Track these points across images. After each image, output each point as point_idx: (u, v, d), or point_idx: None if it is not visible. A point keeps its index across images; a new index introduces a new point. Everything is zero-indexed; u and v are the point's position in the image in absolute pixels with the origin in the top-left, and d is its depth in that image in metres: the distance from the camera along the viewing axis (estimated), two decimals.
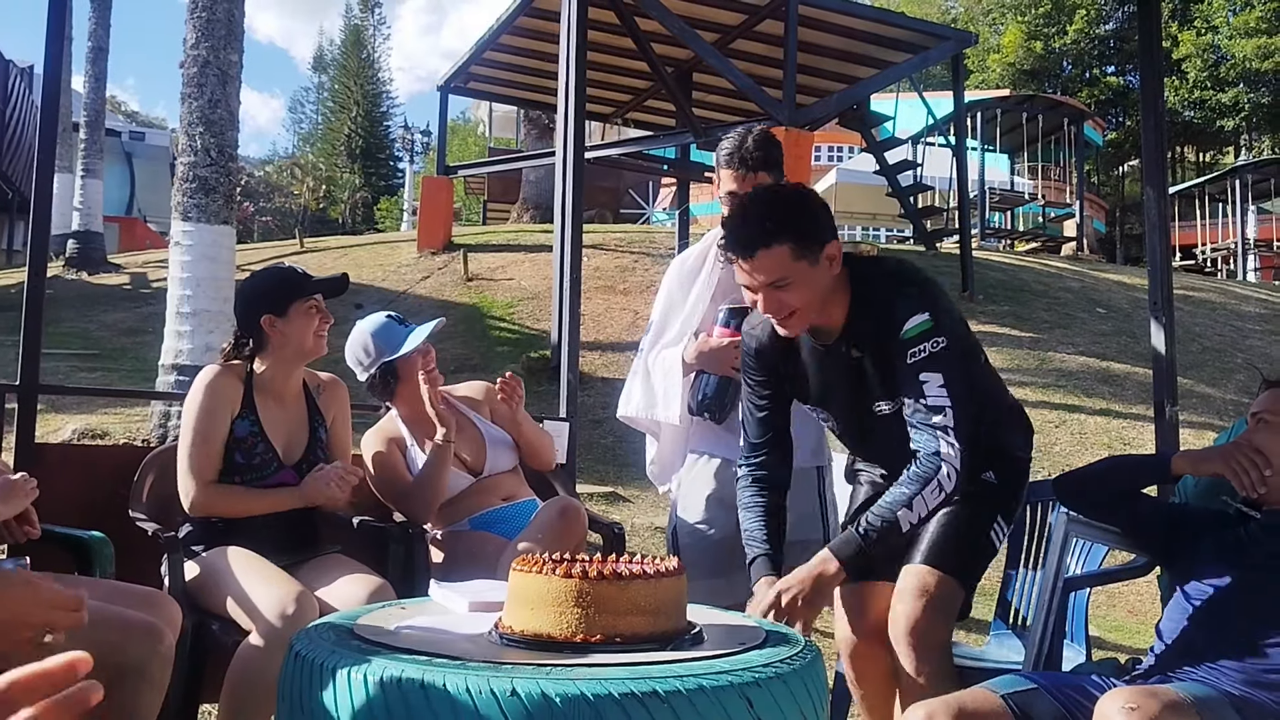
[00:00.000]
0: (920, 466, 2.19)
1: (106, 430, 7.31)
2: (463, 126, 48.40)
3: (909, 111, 14.64)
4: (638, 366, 3.09)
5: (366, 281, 12.89)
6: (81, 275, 14.59)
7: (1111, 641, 5.00)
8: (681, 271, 3.08)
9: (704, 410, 2.92)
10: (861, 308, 2.27)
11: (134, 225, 26.36)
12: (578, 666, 1.43)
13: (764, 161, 2.79)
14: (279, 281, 2.90)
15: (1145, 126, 3.71)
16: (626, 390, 3.11)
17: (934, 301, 2.22)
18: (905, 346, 2.18)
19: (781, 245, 2.16)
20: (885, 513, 2.17)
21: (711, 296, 2.98)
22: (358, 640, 1.56)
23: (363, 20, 56.25)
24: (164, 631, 2.25)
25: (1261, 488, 2.11)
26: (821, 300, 2.25)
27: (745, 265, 2.20)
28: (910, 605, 2.26)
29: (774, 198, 2.31)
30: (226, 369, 2.88)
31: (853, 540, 2.17)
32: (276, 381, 2.90)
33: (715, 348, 2.87)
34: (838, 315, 2.30)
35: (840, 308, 2.29)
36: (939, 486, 2.16)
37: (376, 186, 47.97)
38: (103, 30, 14.97)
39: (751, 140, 2.83)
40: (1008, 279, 13.06)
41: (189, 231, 6.92)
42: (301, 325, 2.84)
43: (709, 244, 3.01)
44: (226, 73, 7.11)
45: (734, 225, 2.24)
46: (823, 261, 2.21)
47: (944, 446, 2.16)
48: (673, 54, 12.34)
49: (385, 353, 3.09)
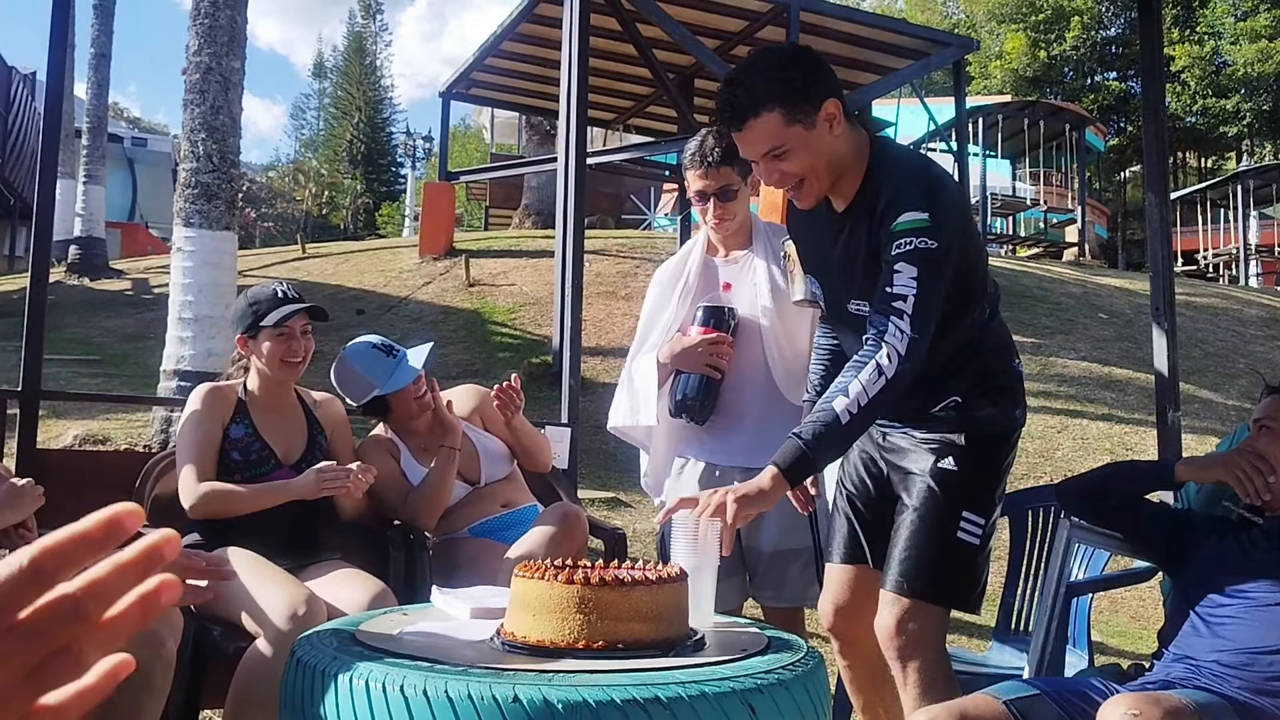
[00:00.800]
0: (862, 351, 2.01)
1: (108, 436, 7.31)
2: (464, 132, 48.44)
3: (910, 117, 14.66)
4: (624, 376, 3.00)
5: (368, 287, 12.90)
6: (83, 281, 14.59)
7: (1114, 647, 4.99)
8: (663, 278, 3.02)
9: (682, 411, 2.82)
10: (872, 185, 2.12)
11: (136, 231, 26.36)
12: (580, 673, 1.43)
13: (725, 156, 2.69)
14: (249, 304, 2.90)
15: (1146, 132, 3.71)
16: (615, 401, 3.01)
17: (938, 203, 2.04)
18: (893, 238, 2.02)
19: (771, 111, 2.02)
20: (823, 405, 1.98)
21: (691, 299, 2.90)
22: (360, 646, 1.56)
23: (364, 27, 56.39)
24: (165, 637, 2.25)
25: (1266, 494, 2.11)
26: (830, 166, 2.11)
27: (738, 139, 2.10)
28: (887, 622, 2.20)
29: (760, 61, 2.11)
30: (220, 386, 2.93)
31: (793, 445, 1.96)
32: (266, 396, 2.92)
33: (690, 345, 2.78)
34: (850, 188, 2.15)
35: (854, 180, 2.14)
36: (878, 369, 1.94)
37: (378, 192, 48.04)
38: (105, 36, 14.99)
39: (712, 138, 2.74)
40: (1010, 284, 13.06)
41: (191, 237, 6.92)
42: (270, 349, 2.85)
43: (690, 249, 2.98)
44: (229, 79, 7.12)
45: (722, 98, 2.09)
46: (820, 123, 2.06)
47: (891, 327, 1.96)
48: (674, 60, 12.35)
49: (373, 387, 3.08)
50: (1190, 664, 2.05)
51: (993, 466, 2.26)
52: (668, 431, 2.93)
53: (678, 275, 2.96)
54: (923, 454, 2.25)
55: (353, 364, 3.09)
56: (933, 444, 2.24)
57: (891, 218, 2.03)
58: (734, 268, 2.90)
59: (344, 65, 55.90)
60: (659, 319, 2.95)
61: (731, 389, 2.83)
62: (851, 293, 2.21)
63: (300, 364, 2.90)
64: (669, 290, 2.96)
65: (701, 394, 2.79)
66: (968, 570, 2.22)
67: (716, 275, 2.92)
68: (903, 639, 2.17)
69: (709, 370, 2.77)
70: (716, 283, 2.91)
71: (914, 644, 2.16)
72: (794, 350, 2.82)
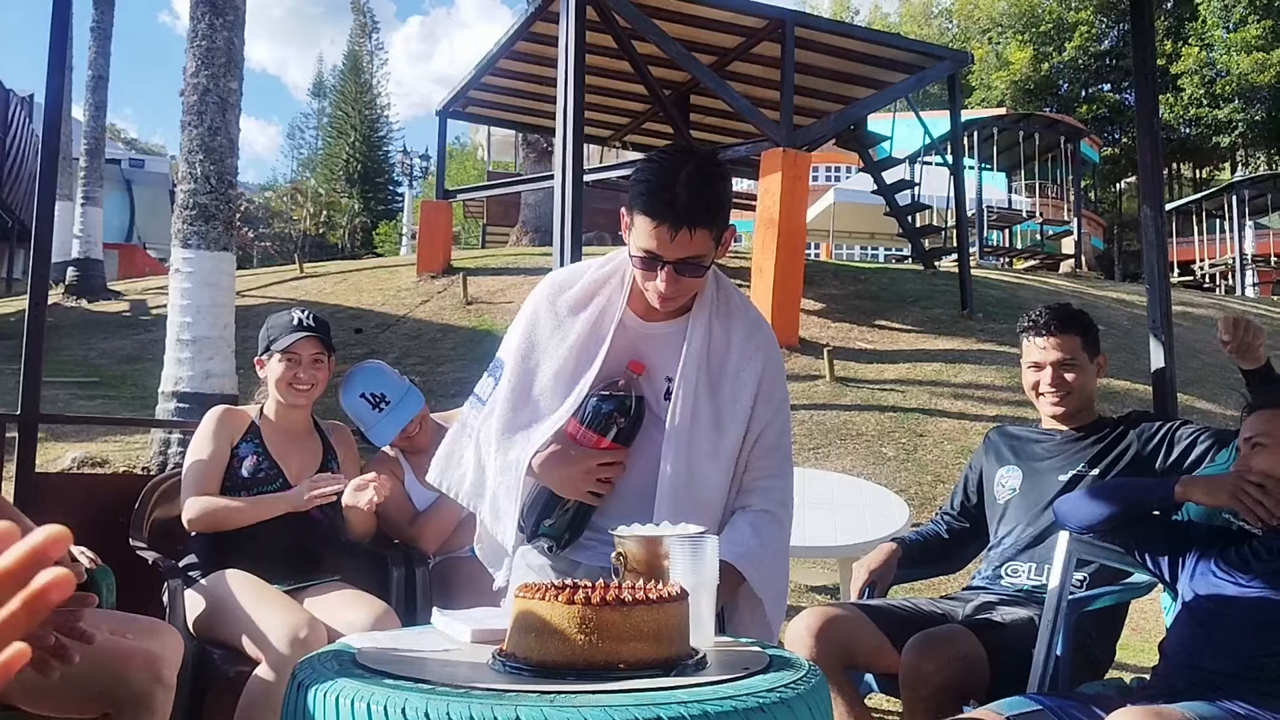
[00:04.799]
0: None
1: (106, 458, 7.30)
2: (461, 151, 48.57)
3: (906, 131, 14.69)
4: (472, 424, 2.11)
5: (367, 306, 12.91)
6: (81, 303, 14.60)
7: (1116, 660, 4.97)
8: (560, 301, 2.09)
9: (543, 539, 2.07)
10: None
11: (134, 252, 26.44)
12: (581, 693, 1.42)
13: (700, 214, 1.88)
14: (268, 327, 3.00)
15: (1141, 144, 3.72)
16: (448, 452, 2.15)
17: None
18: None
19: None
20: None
21: (598, 366, 2.02)
22: (361, 668, 1.55)
23: (360, 46, 56.63)
24: (165, 661, 2.24)
25: (1275, 519, 2.09)
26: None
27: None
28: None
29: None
30: (234, 408, 3.02)
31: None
32: (280, 418, 2.99)
33: (578, 469, 1.97)
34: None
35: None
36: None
37: (375, 211, 48.19)
38: (102, 59, 15.04)
39: (687, 187, 1.88)
40: (1007, 297, 13.07)
41: (189, 258, 6.93)
42: (278, 373, 2.93)
43: (612, 270, 2.10)
44: (226, 100, 7.14)
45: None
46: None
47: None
48: (670, 77, 12.40)
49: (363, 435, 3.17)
50: (1193, 675, 2.05)
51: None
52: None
53: (582, 307, 2.08)
54: None
55: (345, 407, 3.16)
56: None
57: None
58: (654, 342, 2.07)
59: (340, 85, 56.15)
60: (543, 367, 2.06)
61: (615, 500, 2.04)
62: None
63: (307, 390, 2.95)
64: (568, 323, 2.07)
65: (572, 525, 2.05)
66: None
67: (633, 340, 2.07)
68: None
69: (589, 498, 2.01)
70: (629, 352, 2.05)
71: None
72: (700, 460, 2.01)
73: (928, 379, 9.76)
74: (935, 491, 7.21)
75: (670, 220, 1.86)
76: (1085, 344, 2.78)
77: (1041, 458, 2.81)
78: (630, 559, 1.73)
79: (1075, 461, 2.74)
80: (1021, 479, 2.80)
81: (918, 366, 10.11)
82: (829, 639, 2.49)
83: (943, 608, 2.72)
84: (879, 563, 2.82)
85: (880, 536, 3.70)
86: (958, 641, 2.41)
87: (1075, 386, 2.76)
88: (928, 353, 10.55)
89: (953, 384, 9.62)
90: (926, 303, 12.48)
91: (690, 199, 1.86)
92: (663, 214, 1.86)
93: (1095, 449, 2.73)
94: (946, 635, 2.43)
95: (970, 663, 2.38)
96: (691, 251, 1.90)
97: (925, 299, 12.64)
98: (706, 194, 1.89)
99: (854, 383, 9.59)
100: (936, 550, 2.96)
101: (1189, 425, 2.71)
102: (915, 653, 2.37)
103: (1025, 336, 2.82)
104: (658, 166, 1.92)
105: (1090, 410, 2.83)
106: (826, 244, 25.69)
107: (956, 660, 2.36)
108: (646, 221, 1.88)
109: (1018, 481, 2.81)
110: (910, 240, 15.33)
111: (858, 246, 27.90)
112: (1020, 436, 2.92)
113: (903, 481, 7.31)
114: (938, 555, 2.98)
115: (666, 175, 1.89)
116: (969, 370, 9.98)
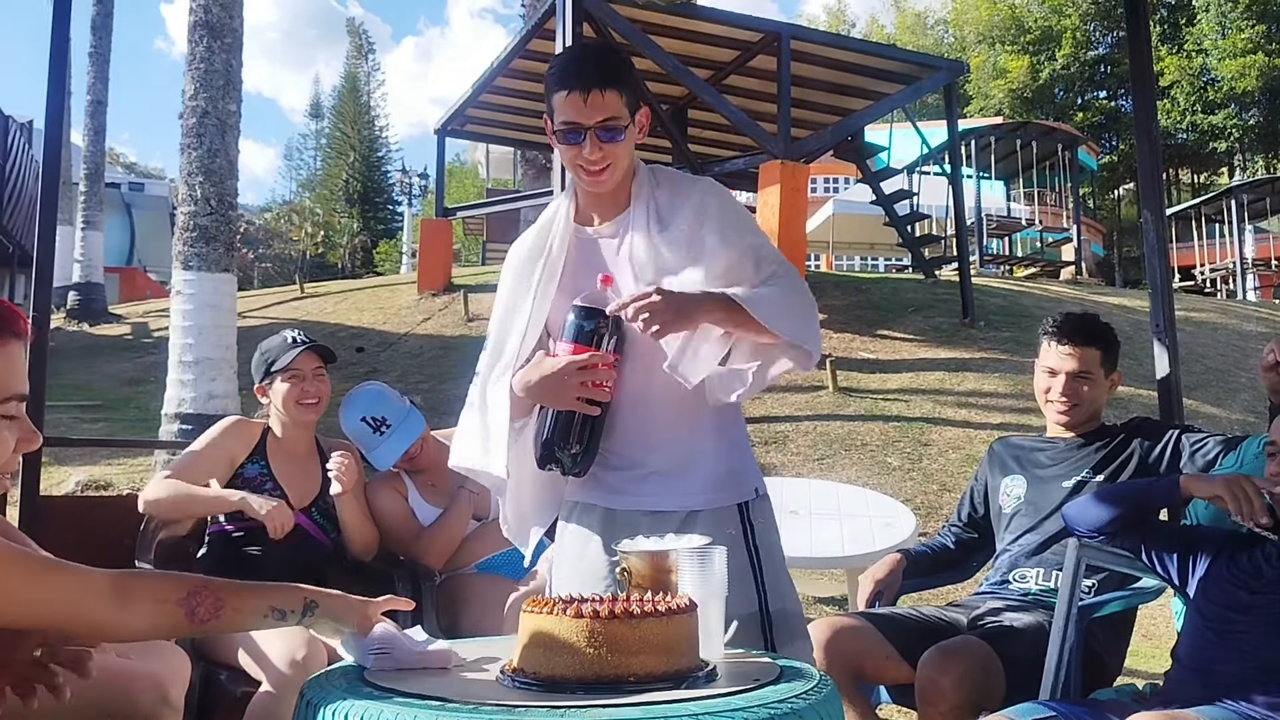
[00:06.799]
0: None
1: (110, 481, 7.29)
2: (460, 168, 48.71)
3: (903, 141, 14.73)
4: (473, 397, 2.15)
5: (368, 324, 12.92)
6: (83, 326, 14.64)
7: (1128, 667, 4.93)
8: (517, 259, 2.18)
9: (549, 463, 2.06)
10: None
11: (134, 275, 26.48)
12: (591, 708, 1.41)
13: (609, 76, 1.99)
14: (262, 353, 3.01)
15: (1140, 150, 3.72)
16: (462, 430, 2.16)
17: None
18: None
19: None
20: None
21: (558, 286, 2.10)
22: (369, 686, 1.55)
23: (357, 66, 56.89)
24: (172, 682, 2.23)
25: (1262, 518, 2.07)
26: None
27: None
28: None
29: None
30: (248, 420, 3.05)
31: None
32: (286, 440, 3.01)
33: (552, 373, 1.97)
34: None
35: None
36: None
37: (375, 230, 48.28)
38: (101, 84, 15.12)
39: (592, 53, 2.11)
40: (1008, 305, 13.06)
41: (190, 280, 6.95)
42: (284, 393, 2.95)
43: (552, 216, 2.17)
44: (225, 122, 7.17)
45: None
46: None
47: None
48: (668, 91, 12.44)
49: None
50: (1206, 680, 2.04)
51: None
52: (536, 472, 2.14)
53: (537, 254, 2.14)
54: None
55: (345, 431, 3.15)
56: None
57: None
58: (613, 244, 2.11)
59: (339, 105, 56.38)
60: (514, 320, 2.12)
61: (624, 414, 2.08)
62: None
63: (315, 405, 2.98)
64: (525, 276, 2.14)
65: (574, 438, 2.02)
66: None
67: (592, 255, 2.12)
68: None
69: (583, 406, 1.98)
70: (592, 266, 2.09)
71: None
72: (701, 338, 2.02)
73: (931, 388, 9.75)
74: (941, 500, 7.20)
75: (580, 85, 1.97)
76: (1104, 359, 2.78)
77: (1045, 465, 2.80)
78: (635, 574, 1.73)
79: (1079, 468, 2.73)
80: (1026, 487, 2.79)
81: (920, 375, 10.10)
82: (838, 650, 2.48)
83: (950, 616, 2.70)
84: (884, 573, 2.81)
85: (888, 546, 3.69)
86: (974, 654, 2.39)
87: (1085, 399, 2.76)
88: (930, 362, 10.55)
89: (956, 392, 9.62)
90: (928, 312, 12.48)
91: (595, 62, 2.02)
92: (572, 81, 1.98)
93: (1099, 455, 2.73)
94: (962, 648, 2.41)
95: (987, 675, 2.37)
96: (608, 113, 1.98)
97: (926, 308, 12.65)
98: (611, 58, 2.05)
99: (857, 393, 9.58)
100: (945, 560, 2.95)
101: (1194, 431, 2.70)
102: (932, 668, 2.35)
103: (1046, 339, 2.81)
104: (562, 54, 2.18)
105: (1096, 419, 2.83)
106: (827, 255, 25.73)
107: (974, 673, 2.34)
108: (561, 95, 1.99)
109: (1023, 490, 2.80)
110: (910, 250, 15.36)
111: (858, 257, 27.94)
112: (1024, 446, 2.91)
113: (908, 491, 7.30)
114: (947, 564, 2.97)
115: (570, 53, 2.22)
116: (972, 378, 9.98)
